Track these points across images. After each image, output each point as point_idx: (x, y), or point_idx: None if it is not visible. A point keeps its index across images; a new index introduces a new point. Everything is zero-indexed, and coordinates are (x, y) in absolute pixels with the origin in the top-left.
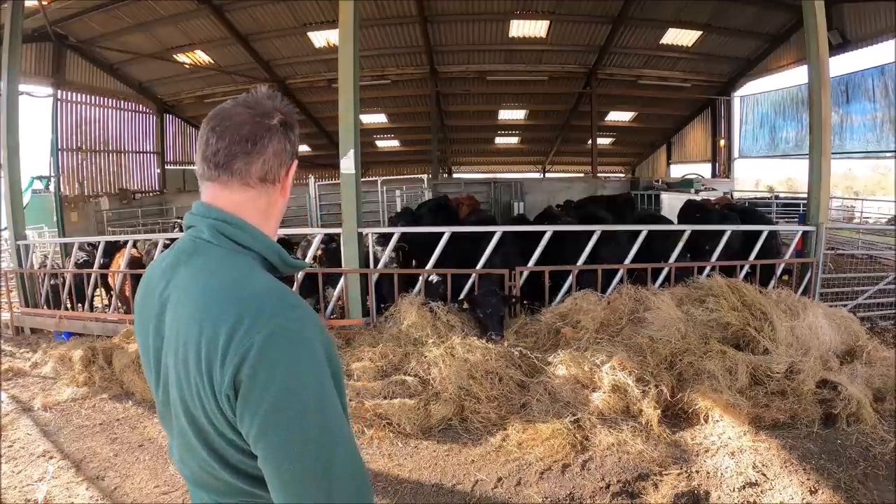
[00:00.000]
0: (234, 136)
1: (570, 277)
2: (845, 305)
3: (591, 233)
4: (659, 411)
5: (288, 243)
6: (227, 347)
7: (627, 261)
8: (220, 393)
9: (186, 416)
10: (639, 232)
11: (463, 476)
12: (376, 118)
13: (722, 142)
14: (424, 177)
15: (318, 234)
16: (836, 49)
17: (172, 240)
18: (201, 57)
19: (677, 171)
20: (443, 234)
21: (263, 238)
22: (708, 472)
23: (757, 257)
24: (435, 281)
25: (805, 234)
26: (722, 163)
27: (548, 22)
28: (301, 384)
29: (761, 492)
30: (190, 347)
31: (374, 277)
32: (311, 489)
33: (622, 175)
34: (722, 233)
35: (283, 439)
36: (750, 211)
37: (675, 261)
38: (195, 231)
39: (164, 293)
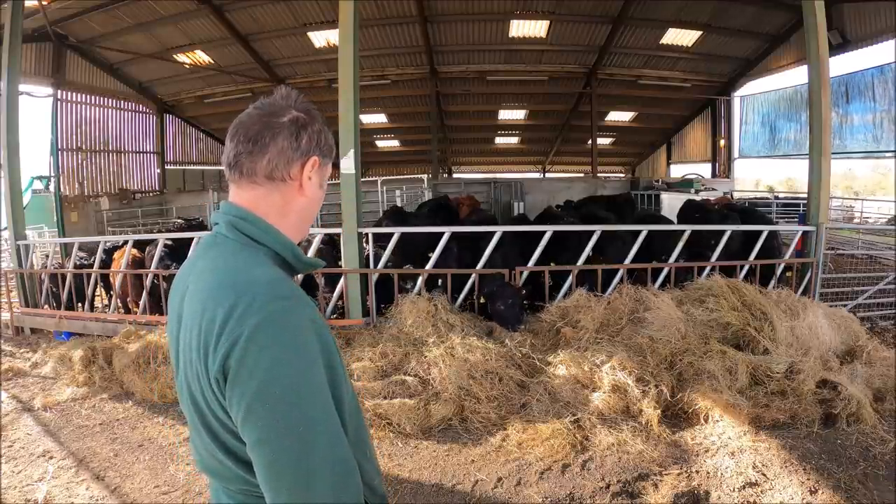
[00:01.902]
0: (241, 138)
1: (571, 277)
2: (845, 305)
3: (592, 233)
4: (659, 411)
5: None
6: (220, 332)
7: (627, 261)
8: (211, 376)
9: (191, 400)
10: (639, 232)
11: (463, 476)
12: (376, 118)
13: (722, 142)
14: (424, 177)
15: (318, 234)
16: (836, 49)
17: (173, 240)
18: (201, 57)
19: (677, 171)
20: (443, 234)
21: (276, 234)
22: (708, 472)
23: (757, 257)
24: (439, 283)
25: (805, 234)
26: (722, 163)
27: (548, 22)
28: (285, 372)
29: (761, 492)
30: (193, 332)
31: (374, 277)
32: (289, 476)
33: (622, 175)
34: (720, 234)
35: (264, 424)
36: (750, 211)
37: (675, 261)
38: (216, 227)
39: (185, 284)
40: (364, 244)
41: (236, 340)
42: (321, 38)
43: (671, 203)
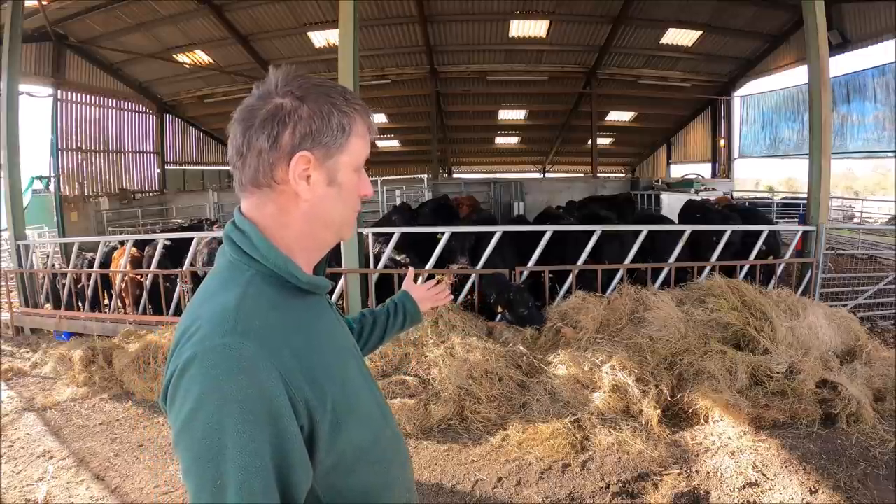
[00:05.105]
0: (230, 143)
1: (570, 277)
2: (845, 305)
3: (592, 233)
4: (659, 411)
5: None
6: (170, 357)
7: (627, 261)
8: (160, 399)
9: None
10: (639, 232)
11: (463, 476)
12: (376, 118)
13: (722, 142)
14: (424, 177)
15: None
16: (836, 49)
17: (172, 240)
18: (201, 57)
19: (677, 171)
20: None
21: (268, 250)
22: (708, 472)
23: (758, 257)
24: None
25: (805, 234)
26: (722, 163)
27: (548, 22)
28: (205, 419)
29: (761, 492)
30: None
31: (374, 277)
32: None
33: (622, 175)
34: (721, 234)
35: (184, 463)
36: (751, 211)
37: (676, 261)
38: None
39: None
40: (380, 244)
41: (174, 371)
42: (321, 38)
43: (671, 203)
